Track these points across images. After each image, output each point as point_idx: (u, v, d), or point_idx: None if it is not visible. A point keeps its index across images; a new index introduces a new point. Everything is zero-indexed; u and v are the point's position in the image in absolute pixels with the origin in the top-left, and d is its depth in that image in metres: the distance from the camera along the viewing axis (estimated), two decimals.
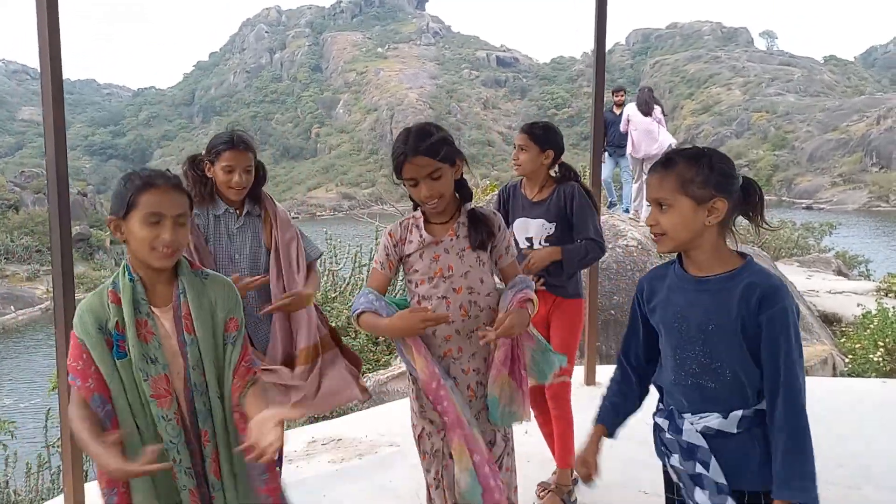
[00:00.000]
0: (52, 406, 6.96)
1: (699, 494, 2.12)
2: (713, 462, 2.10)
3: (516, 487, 2.95)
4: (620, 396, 2.35)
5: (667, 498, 2.33)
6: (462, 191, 2.81)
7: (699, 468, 2.11)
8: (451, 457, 2.77)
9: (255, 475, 2.30)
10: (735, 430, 2.08)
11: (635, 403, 2.36)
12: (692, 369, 2.12)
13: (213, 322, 2.27)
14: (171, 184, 2.21)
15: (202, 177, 3.33)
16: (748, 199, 2.12)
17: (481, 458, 2.71)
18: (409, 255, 2.79)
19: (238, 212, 3.38)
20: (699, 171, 2.05)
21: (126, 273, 2.22)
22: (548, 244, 3.75)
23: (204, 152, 3.36)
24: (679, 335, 2.13)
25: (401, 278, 3.00)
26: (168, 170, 2.32)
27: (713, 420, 2.09)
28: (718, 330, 2.05)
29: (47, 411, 7.21)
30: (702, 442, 2.11)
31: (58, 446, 6.89)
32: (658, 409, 2.28)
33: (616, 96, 11.99)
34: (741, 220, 2.21)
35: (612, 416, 2.35)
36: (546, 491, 3.94)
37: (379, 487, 4.29)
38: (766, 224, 2.16)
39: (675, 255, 2.20)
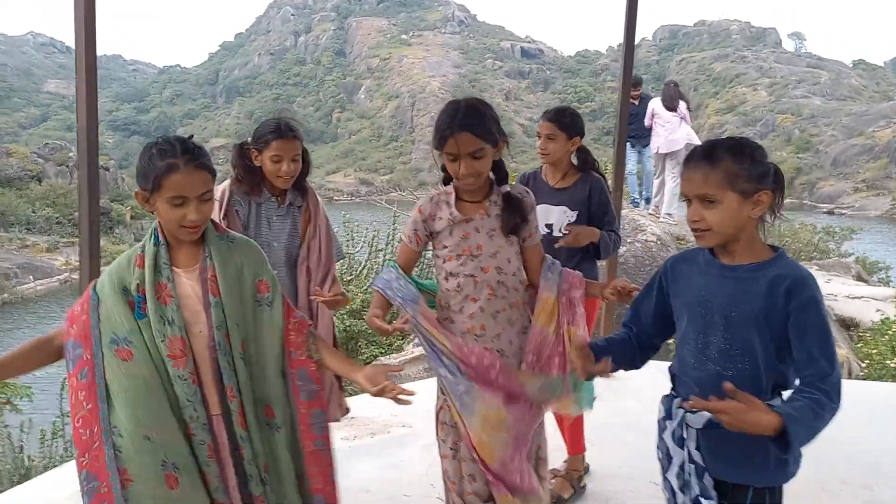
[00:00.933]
0: (66, 376, 7.05)
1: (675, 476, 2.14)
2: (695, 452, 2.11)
3: (544, 459, 3.04)
4: (617, 339, 2.37)
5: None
6: (499, 172, 2.83)
7: (687, 456, 2.13)
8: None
9: (316, 423, 2.45)
10: None
11: (627, 348, 2.35)
12: (712, 355, 2.12)
13: (241, 285, 2.35)
14: (194, 164, 2.25)
15: (251, 166, 3.32)
16: (780, 188, 2.12)
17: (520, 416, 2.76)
18: (438, 232, 2.81)
19: (279, 200, 3.37)
20: (743, 164, 2.04)
21: (153, 237, 2.31)
22: (568, 231, 3.78)
23: (251, 140, 3.35)
24: (702, 320, 2.13)
25: (392, 252, 3.06)
26: (191, 136, 2.36)
27: None
28: (741, 317, 2.05)
29: (62, 380, 7.29)
30: (692, 436, 2.12)
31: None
32: (666, 395, 2.29)
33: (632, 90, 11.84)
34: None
35: (599, 345, 2.35)
36: (554, 478, 3.97)
37: (389, 465, 4.34)
38: (783, 214, 2.16)
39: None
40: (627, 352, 2.34)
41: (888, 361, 8.62)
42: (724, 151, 2.06)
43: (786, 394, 2.13)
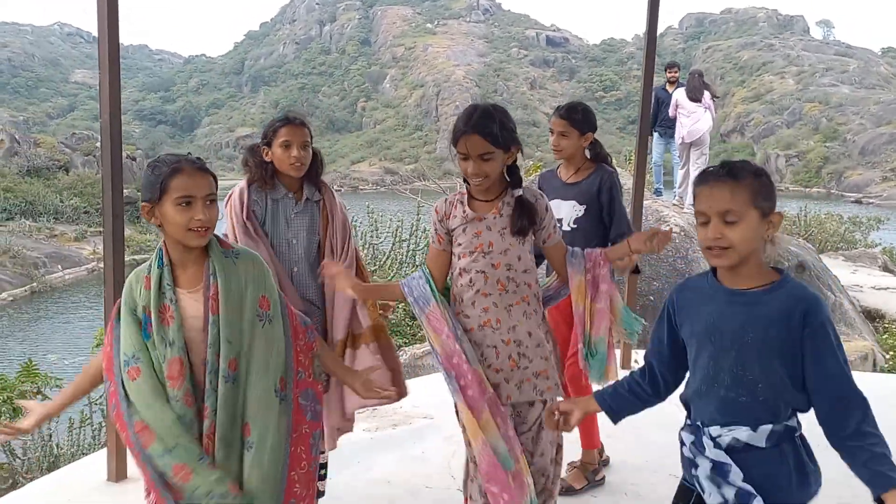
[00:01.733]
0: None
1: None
2: (739, 475, 2.09)
3: (560, 446, 3.03)
4: (627, 385, 2.38)
5: None
6: (513, 176, 2.92)
7: (731, 483, 2.09)
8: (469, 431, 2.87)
9: (315, 445, 2.48)
10: (764, 445, 2.07)
11: (640, 399, 2.37)
12: (724, 381, 2.11)
13: (242, 302, 2.37)
14: (197, 166, 2.33)
15: (262, 162, 3.36)
16: None
17: (506, 431, 2.81)
18: (453, 230, 2.92)
19: (297, 196, 3.40)
20: (762, 184, 2.05)
21: (158, 259, 2.36)
22: (576, 226, 3.83)
23: (261, 140, 3.40)
24: (712, 346, 2.12)
25: (424, 238, 3.13)
26: (189, 153, 2.43)
27: (742, 433, 2.08)
28: (755, 342, 2.04)
29: None
30: (726, 458, 2.10)
31: (100, 404, 7.08)
32: (685, 425, 2.27)
33: (669, 73, 11.72)
34: (789, 213, 2.21)
35: (608, 395, 2.40)
36: (569, 469, 4.00)
37: (411, 457, 4.37)
38: (777, 239, 2.19)
39: (710, 267, 2.18)
40: (639, 398, 2.37)
41: None
42: (746, 170, 2.07)
43: (801, 415, 2.12)
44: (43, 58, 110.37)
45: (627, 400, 2.37)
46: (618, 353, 5.99)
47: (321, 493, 3.49)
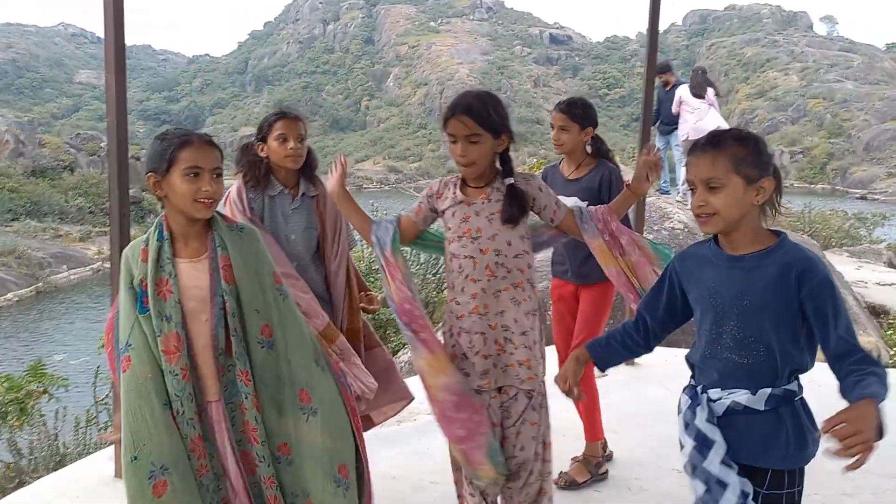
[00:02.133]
0: (101, 363, 7.16)
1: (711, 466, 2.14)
2: (719, 455, 2.13)
3: (548, 443, 3.04)
4: (620, 336, 2.44)
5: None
6: (505, 165, 2.93)
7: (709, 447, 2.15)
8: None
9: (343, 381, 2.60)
10: (762, 408, 2.12)
11: (631, 351, 2.45)
12: (727, 344, 2.16)
13: (259, 274, 2.42)
14: (205, 140, 2.39)
15: (255, 160, 3.40)
16: (779, 184, 2.18)
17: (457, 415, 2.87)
18: (443, 211, 2.97)
19: (293, 192, 3.44)
20: (749, 151, 2.09)
21: (157, 231, 2.37)
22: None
23: (256, 136, 3.45)
24: (714, 311, 2.17)
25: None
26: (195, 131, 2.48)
27: (741, 395, 2.13)
28: (753, 306, 2.09)
29: (96, 368, 7.41)
30: (713, 433, 2.15)
31: (106, 404, 7.11)
32: (686, 386, 2.33)
33: (663, 76, 11.69)
34: (793, 210, 2.23)
35: (600, 346, 2.46)
36: (572, 464, 4.02)
37: (415, 452, 4.40)
38: (780, 208, 2.21)
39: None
40: (631, 347, 2.44)
41: None
42: (730, 138, 2.13)
43: (802, 377, 2.16)
44: (47, 58, 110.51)
45: (617, 351, 2.45)
46: None
47: None
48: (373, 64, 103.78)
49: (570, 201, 3.87)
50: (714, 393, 2.19)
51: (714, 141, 2.14)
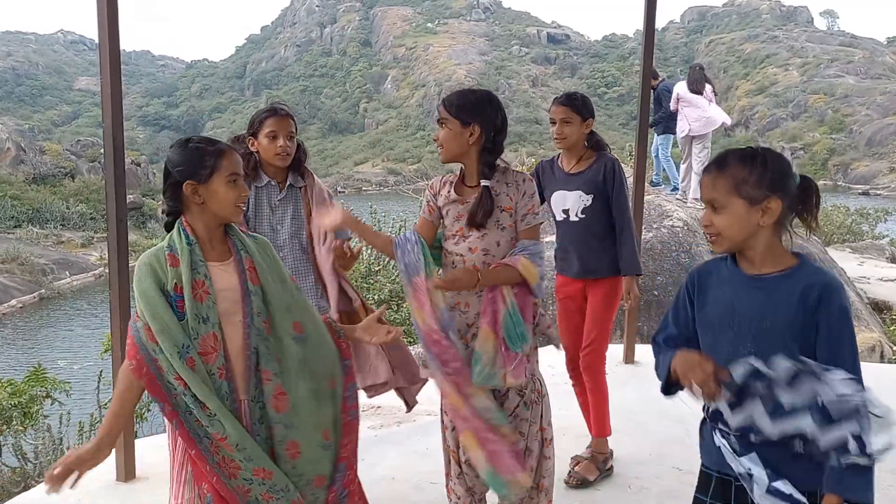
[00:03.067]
0: (104, 368, 7.18)
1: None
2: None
3: (547, 440, 3.08)
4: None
5: (696, 499, 2.28)
6: (487, 166, 2.96)
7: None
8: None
9: (351, 395, 2.58)
10: None
11: None
12: None
13: (280, 276, 2.51)
14: (233, 147, 2.52)
15: (246, 153, 3.46)
16: (806, 198, 2.11)
17: (485, 436, 2.84)
18: (441, 207, 3.03)
19: (280, 184, 3.50)
20: (752, 171, 2.05)
21: (184, 236, 2.41)
22: (584, 216, 3.85)
23: (247, 131, 3.53)
24: (730, 330, 2.13)
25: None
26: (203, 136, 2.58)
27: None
28: (772, 328, 2.05)
29: (99, 373, 7.44)
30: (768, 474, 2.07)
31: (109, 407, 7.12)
32: (707, 419, 2.26)
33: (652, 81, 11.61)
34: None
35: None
36: (579, 463, 4.01)
37: (415, 453, 4.40)
38: (818, 226, 2.15)
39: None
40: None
41: None
42: (735, 158, 2.10)
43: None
44: (47, 66, 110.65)
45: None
46: (621, 347, 6.02)
47: None
48: (370, 66, 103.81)
49: (573, 196, 3.88)
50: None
51: (718, 160, 2.13)
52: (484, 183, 2.92)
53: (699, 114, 10.70)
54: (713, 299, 2.18)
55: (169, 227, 2.47)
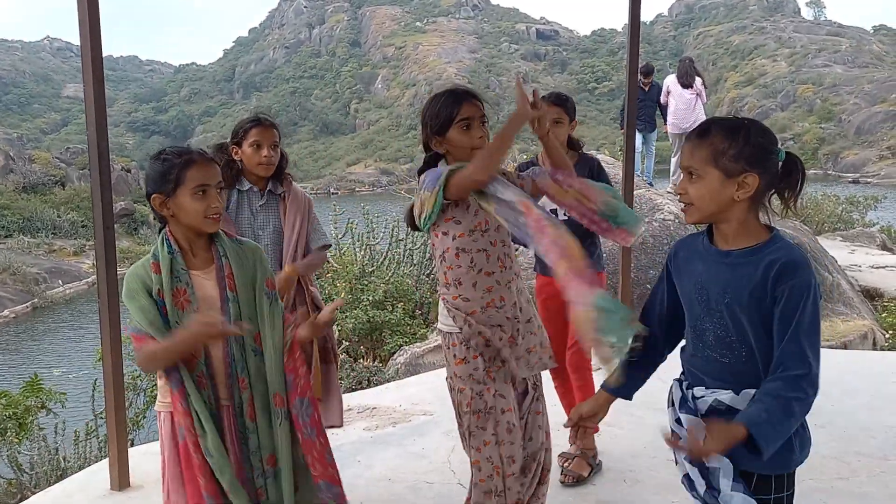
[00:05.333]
0: (98, 377, 7.16)
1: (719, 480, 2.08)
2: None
3: (548, 433, 3.09)
4: (629, 368, 2.29)
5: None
6: None
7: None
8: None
9: (303, 411, 2.50)
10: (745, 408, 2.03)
11: (644, 377, 2.33)
12: (709, 341, 2.11)
13: (253, 283, 2.49)
14: (206, 157, 2.47)
15: (229, 160, 3.54)
16: (789, 177, 2.07)
17: None
18: (450, 206, 2.84)
19: (262, 191, 3.57)
20: (733, 144, 2.01)
21: (166, 245, 2.42)
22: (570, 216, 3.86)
23: (231, 138, 3.58)
24: (699, 306, 2.12)
25: (420, 236, 3.15)
26: (188, 145, 2.52)
27: (724, 395, 2.08)
28: (735, 303, 2.03)
29: (94, 382, 7.41)
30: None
31: (104, 416, 7.09)
32: (676, 380, 2.30)
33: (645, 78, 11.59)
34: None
35: (622, 382, 2.31)
36: (568, 461, 4.02)
37: (411, 453, 4.40)
38: (796, 208, 2.10)
39: (706, 225, 2.18)
40: (646, 364, 2.32)
41: None
42: (718, 128, 2.05)
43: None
44: (34, 73, 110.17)
45: (634, 378, 2.31)
46: None
47: None
48: (360, 66, 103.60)
49: None
50: (698, 391, 2.14)
51: (701, 129, 2.09)
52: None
53: (683, 111, 10.74)
54: (687, 273, 2.18)
55: (160, 233, 2.49)
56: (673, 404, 2.24)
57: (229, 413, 2.43)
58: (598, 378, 4.05)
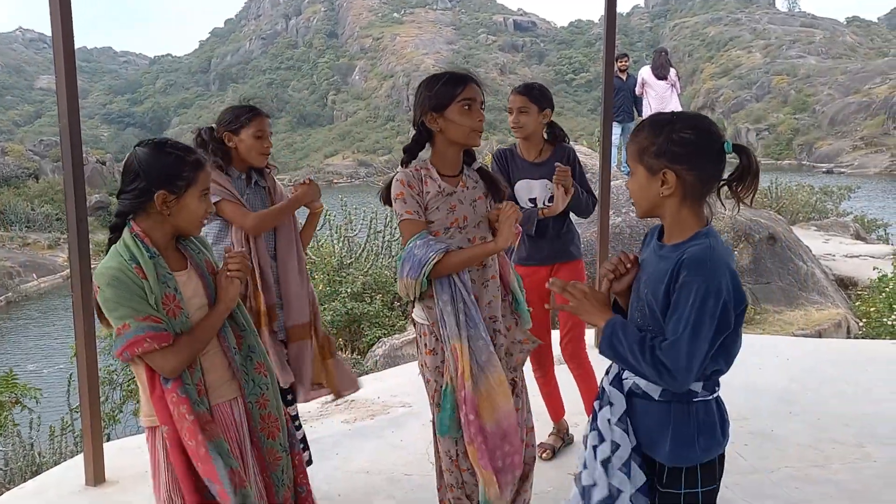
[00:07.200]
0: (73, 371, 7.10)
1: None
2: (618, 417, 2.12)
3: (530, 428, 3.12)
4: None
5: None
6: (467, 156, 2.96)
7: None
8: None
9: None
10: (657, 398, 2.06)
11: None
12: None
13: (211, 269, 2.50)
14: (205, 159, 2.44)
15: (224, 147, 3.47)
16: (743, 171, 2.05)
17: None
18: (427, 203, 2.84)
19: (247, 180, 3.53)
20: (655, 141, 2.01)
21: (143, 247, 2.26)
22: (552, 204, 3.89)
23: (223, 125, 3.47)
24: (634, 294, 2.16)
25: (392, 233, 3.13)
26: (168, 139, 2.44)
27: (641, 381, 2.08)
28: (652, 296, 2.04)
29: (69, 376, 7.34)
30: (620, 401, 2.13)
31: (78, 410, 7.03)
32: None
33: (619, 62, 11.69)
34: (760, 186, 2.14)
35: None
36: (546, 451, 4.10)
37: (389, 445, 4.40)
38: (752, 201, 2.09)
39: None
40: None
41: (885, 319, 8.65)
42: (648, 125, 2.07)
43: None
44: (6, 65, 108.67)
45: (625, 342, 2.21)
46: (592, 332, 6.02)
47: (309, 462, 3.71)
48: (337, 58, 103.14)
49: (539, 185, 3.91)
50: (625, 373, 2.14)
51: (638, 125, 2.11)
52: (476, 165, 2.97)
53: (658, 103, 10.79)
54: (641, 261, 2.20)
55: (116, 229, 2.31)
56: (607, 374, 2.23)
57: (240, 406, 2.42)
58: (596, 369, 4.09)
